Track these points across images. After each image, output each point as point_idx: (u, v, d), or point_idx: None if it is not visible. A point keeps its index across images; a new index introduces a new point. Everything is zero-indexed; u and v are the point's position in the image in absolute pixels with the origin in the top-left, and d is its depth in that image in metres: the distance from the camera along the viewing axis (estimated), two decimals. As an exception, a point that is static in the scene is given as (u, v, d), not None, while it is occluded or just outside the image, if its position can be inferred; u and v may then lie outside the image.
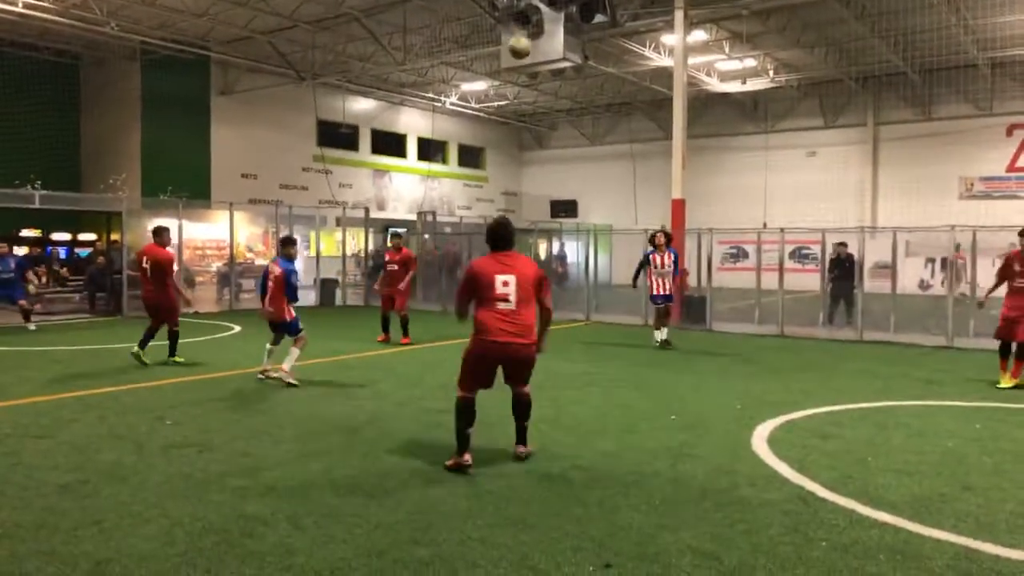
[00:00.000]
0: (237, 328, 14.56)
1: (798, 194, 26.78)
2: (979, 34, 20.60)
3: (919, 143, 25.77)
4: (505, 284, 5.38)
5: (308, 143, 26.51)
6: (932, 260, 18.09)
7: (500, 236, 5.55)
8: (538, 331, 5.58)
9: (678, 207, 16.40)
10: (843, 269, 15.05)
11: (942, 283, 16.48)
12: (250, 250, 24.04)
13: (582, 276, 18.76)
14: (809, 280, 17.98)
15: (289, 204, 21.45)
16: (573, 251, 24.24)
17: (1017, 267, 8.84)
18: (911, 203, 24.63)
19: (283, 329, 8.95)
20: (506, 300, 5.37)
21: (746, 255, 23.05)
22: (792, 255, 19.75)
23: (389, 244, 14.14)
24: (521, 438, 5.73)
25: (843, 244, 15.37)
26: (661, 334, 12.55)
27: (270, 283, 8.81)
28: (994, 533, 4.32)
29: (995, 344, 9.22)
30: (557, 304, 16.86)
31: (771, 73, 24.73)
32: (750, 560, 3.94)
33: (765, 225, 20.75)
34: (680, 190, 16.41)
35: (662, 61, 21.82)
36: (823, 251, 15.63)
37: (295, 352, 8.79)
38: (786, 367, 10.71)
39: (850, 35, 21.06)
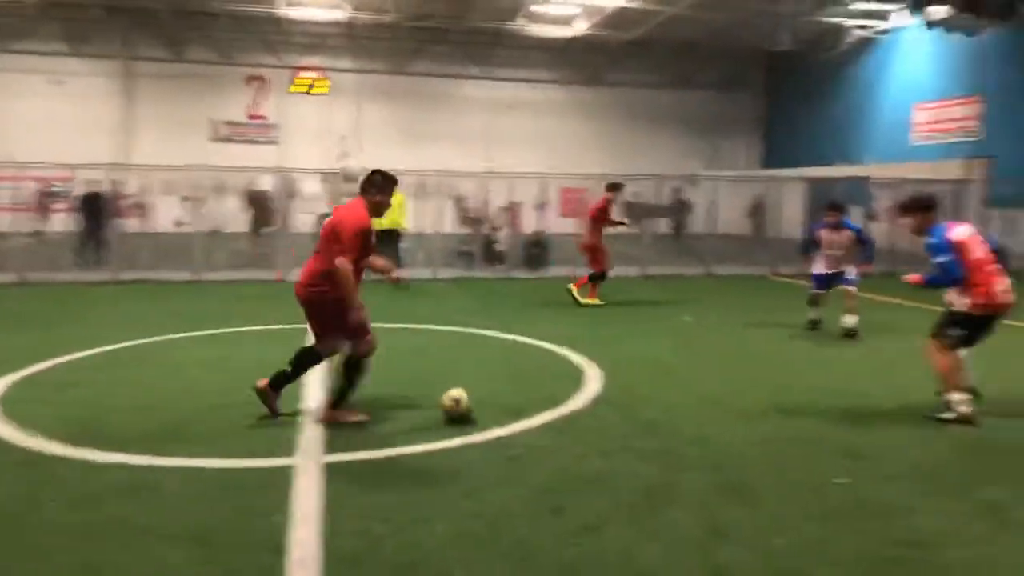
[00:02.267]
0: None
1: (46, 125, 24.16)
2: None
3: (174, 83, 26.08)
4: None
5: None
6: (187, 198, 18.57)
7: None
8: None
9: None
10: (94, 207, 14.33)
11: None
12: None
13: None
14: (58, 221, 16.56)
15: None
16: None
17: None
18: (168, 142, 24.90)
19: None
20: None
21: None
22: (40, 194, 17.78)
23: None
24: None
25: (98, 183, 14.60)
26: None
27: None
28: (218, 449, 4.74)
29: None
30: None
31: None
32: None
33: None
34: None
35: None
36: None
37: None
38: (34, 316, 9.73)
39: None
